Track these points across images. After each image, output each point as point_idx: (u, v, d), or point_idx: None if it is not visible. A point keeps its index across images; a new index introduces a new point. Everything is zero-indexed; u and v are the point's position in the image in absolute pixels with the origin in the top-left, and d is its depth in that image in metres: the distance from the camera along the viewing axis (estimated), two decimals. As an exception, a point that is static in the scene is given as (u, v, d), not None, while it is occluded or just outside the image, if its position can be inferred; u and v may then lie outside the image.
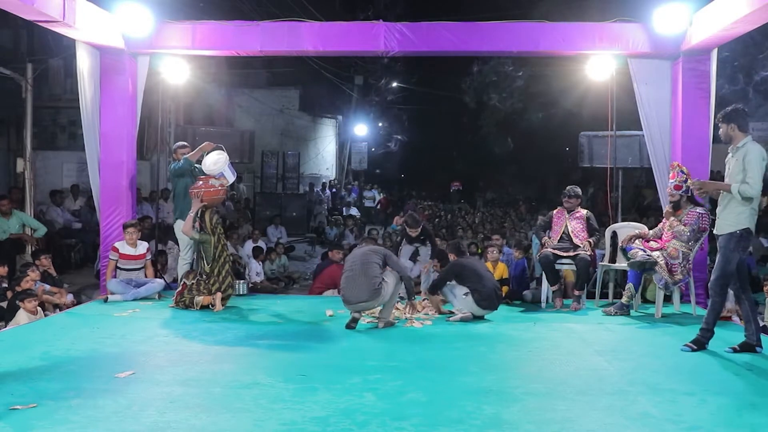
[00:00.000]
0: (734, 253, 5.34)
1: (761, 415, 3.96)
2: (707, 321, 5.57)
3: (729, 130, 5.46)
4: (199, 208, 7.23)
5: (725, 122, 5.47)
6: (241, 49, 8.37)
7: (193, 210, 7.26)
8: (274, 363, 5.05)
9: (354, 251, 6.83)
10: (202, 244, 7.21)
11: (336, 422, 3.74)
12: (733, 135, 5.45)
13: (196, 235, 7.18)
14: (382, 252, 6.51)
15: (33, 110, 10.15)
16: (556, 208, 7.99)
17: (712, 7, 7.00)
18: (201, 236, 7.18)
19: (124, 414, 3.84)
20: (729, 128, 5.46)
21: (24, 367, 4.78)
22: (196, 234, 7.18)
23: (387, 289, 6.27)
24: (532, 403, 4.14)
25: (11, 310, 6.74)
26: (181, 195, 7.77)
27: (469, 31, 7.93)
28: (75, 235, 11.88)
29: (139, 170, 9.70)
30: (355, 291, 6.16)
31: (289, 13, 9.56)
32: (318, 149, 26.58)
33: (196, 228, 7.19)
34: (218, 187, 7.38)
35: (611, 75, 8.43)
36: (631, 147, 8.88)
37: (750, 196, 5.24)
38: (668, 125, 7.96)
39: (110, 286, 7.66)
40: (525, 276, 8.47)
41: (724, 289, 5.47)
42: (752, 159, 5.24)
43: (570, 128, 16.90)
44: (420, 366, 5.01)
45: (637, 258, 6.92)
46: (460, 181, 32.58)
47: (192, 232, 7.19)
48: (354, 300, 6.18)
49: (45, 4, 6.25)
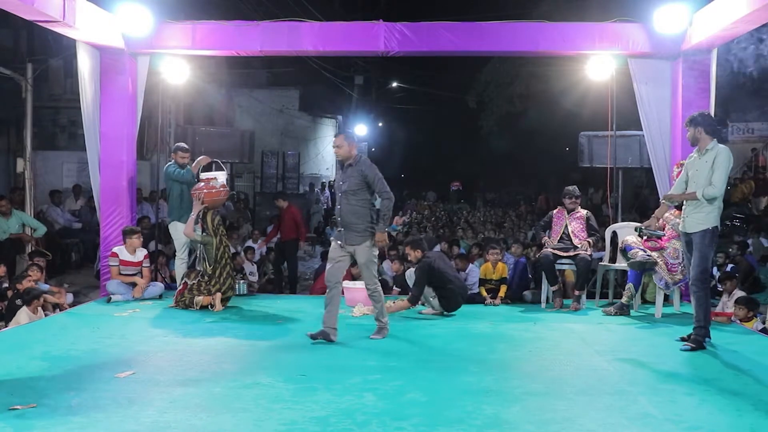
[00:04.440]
0: (709, 249, 5.58)
1: (761, 415, 3.96)
2: (698, 318, 5.64)
3: (696, 133, 5.66)
4: (201, 209, 7.23)
5: (692, 126, 5.68)
6: (241, 49, 8.37)
7: (194, 212, 7.27)
8: (274, 363, 5.05)
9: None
10: (203, 245, 7.21)
11: (336, 422, 3.74)
12: (700, 138, 5.65)
13: (198, 237, 7.18)
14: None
15: (33, 110, 10.14)
16: (556, 208, 8.00)
17: (712, 7, 7.00)
18: (203, 238, 7.18)
19: (124, 414, 3.84)
20: (696, 131, 5.66)
21: (24, 367, 4.79)
22: (197, 236, 7.18)
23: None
24: (532, 403, 4.14)
25: (11, 310, 6.73)
26: (176, 198, 7.85)
27: (469, 31, 7.93)
28: (75, 235, 11.87)
29: (139, 170, 9.69)
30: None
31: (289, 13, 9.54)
32: (318, 149, 26.58)
33: (198, 229, 7.20)
34: (219, 188, 7.39)
35: (611, 75, 8.43)
36: (631, 147, 8.85)
37: (714, 196, 5.52)
38: (668, 125, 7.96)
39: (110, 287, 7.66)
40: (526, 276, 8.47)
41: (706, 283, 5.64)
42: (721, 162, 5.51)
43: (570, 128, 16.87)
44: (420, 366, 5.01)
45: (637, 258, 6.93)
46: (460, 181, 32.58)
47: (193, 233, 7.19)
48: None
49: (45, 4, 6.25)
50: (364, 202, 5.82)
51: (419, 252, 7.12)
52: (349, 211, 5.77)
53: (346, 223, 5.80)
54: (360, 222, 5.77)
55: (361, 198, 5.80)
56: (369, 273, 5.91)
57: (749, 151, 16.99)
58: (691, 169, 5.75)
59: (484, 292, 7.94)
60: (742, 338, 6.13)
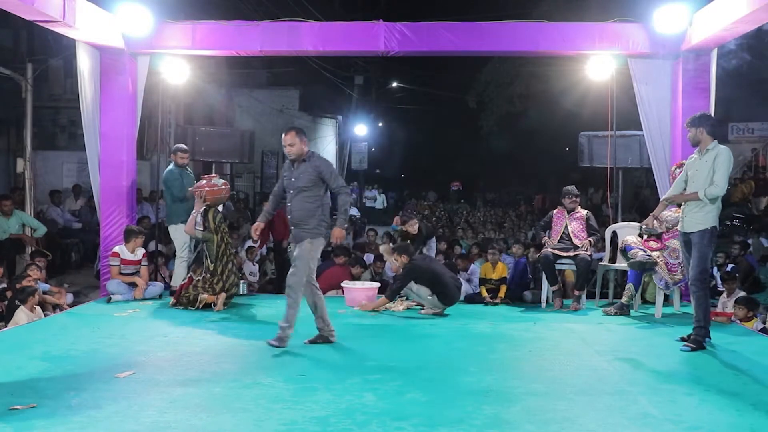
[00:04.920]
0: (708, 249, 5.61)
1: (761, 415, 3.96)
2: (698, 318, 5.66)
3: (698, 134, 5.67)
4: (203, 207, 7.24)
5: (693, 126, 5.69)
6: (241, 49, 8.37)
7: (196, 209, 7.27)
8: (274, 363, 5.05)
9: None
10: (205, 243, 7.22)
11: (336, 422, 3.74)
12: (702, 138, 5.67)
13: (199, 234, 7.19)
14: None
15: (33, 110, 10.14)
16: (556, 208, 8.00)
17: (712, 7, 7.00)
18: (204, 235, 7.19)
19: (124, 414, 3.84)
20: (698, 132, 5.67)
21: (24, 367, 4.78)
22: (198, 233, 7.19)
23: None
24: (532, 403, 4.14)
25: (11, 310, 6.73)
26: (171, 204, 7.91)
27: (469, 31, 7.93)
28: (75, 235, 11.87)
29: (139, 170, 9.69)
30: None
31: (289, 13, 9.54)
32: (318, 149, 26.46)
33: (199, 227, 7.20)
34: (221, 186, 7.41)
35: (611, 75, 8.43)
36: (631, 147, 8.85)
37: (716, 196, 5.54)
38: (668, 125, 7.96)
39: (110, 287, 7.66)
40: (526, 276, 8.47)
41: (705, 283, 5.67)
42: (722, 162, 5.52)
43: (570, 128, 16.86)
44: (420, 366, 5.01)
45: (638, 258, 6.93)
46: (460, 181, 32.58)
47: (194, 231, 7.20)
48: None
49: (45, 4, 6.25)
50: (316, 199, 5.62)
51: (405, 257, 7.22)
52: (300, 208, 5.55)
53: (296, 222, 5.61)
54: (311, 220, 5.58)
55: (313, 195, 5.60)
56: (297, 266, 5.53)
57: (749, 151, 17.01)
58: (690, 169, 5.77)
59: (485, 292, 7.95)
60: (742, 338, 6.13)
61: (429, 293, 7.08)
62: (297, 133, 5.59)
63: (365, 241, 11.99)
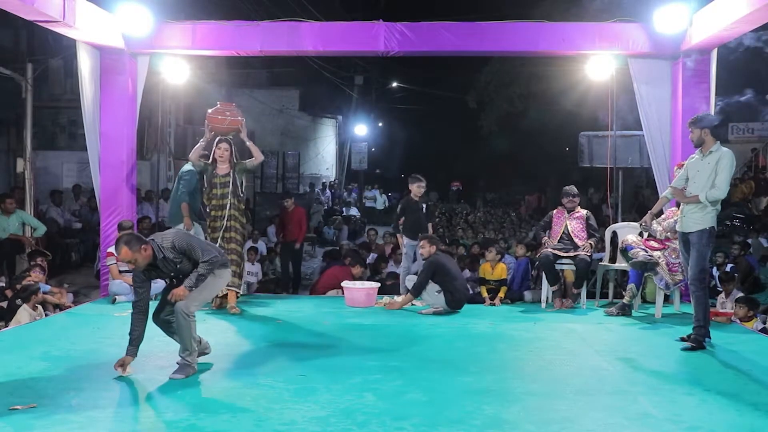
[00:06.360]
0: (707, 248, 5.63)
1: (761, 415, 3.96)
2: (698, 318, 5.65)
3: (702, 135, 5.65)
4: (210, 137, 7.15)
5: (698, 127, 5.67)
6: (241, 49, 8.37)
7: (204, 139, 7.21)
8: (274, 363, 5.04)
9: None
10: (200, 173, 7.09)
11: (336, 422, 3.74)
12: (706, 139, 5.65)
13: (200, 165, 7.10)
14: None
15: (33, 110, 10.14)
16: (556, 208, 8.00)
17: (712, 7, 7.00)
18: (203, 166, 7.06)
19: (124, 414, 3.84)
20: (702, 133, 5.65)
21: (24, 367, 4.79)
22: (200, 164, 7.09)
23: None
24: (532, 403, 4.14)
25: (11, 310, 6.73)
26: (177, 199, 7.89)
27: (469, 31, 7.93)
28: (75, 235, 11.88)
29: (139, 170, 9.70)
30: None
31: (289, 13, 9.53)
32: (318, 149, 26.59)
33: (203, 158, 7.11)
34: (225, 116, 7.21)
35: (611, 75, 8.43)
36: (631, 147, 8.87)
37: (717, 199, 5.55)
38: (668, 125, 7.96)
39: (113, 287, 7.65)
40: (528, 276, 8.44)
41: (704, 282, 5.68)
42: (725, 164, 5.51)
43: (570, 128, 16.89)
44: (420, 366, 5.01)
45: (639, 258, 6.92)
46: (460, 181, 32.58)
47: (197, 159, 7.09)
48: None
49: (45, 4, 6.25)
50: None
51: (434, 248, 7.29)
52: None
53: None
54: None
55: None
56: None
57: (749, 151, 17.00)
58: (692, 169, 5.74)
59: (485, 292, 7.94)
60: (742, 338, 6.13)
61: (437, 289, 7.13)
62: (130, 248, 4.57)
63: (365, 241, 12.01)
